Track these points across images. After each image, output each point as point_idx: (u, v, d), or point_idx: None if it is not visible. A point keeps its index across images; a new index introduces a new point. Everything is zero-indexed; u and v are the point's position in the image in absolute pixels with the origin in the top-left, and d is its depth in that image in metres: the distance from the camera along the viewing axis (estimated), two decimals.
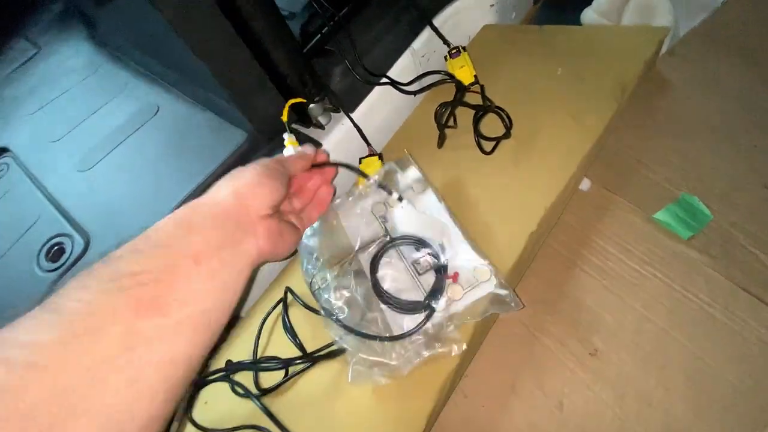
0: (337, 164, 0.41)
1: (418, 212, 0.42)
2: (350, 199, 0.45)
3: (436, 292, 0.37)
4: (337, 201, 0.45)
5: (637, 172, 0.47)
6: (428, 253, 0.39)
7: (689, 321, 0.38)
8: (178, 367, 0.24)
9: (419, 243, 0.40)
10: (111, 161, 0.53)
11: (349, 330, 0.37)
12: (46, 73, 0.68)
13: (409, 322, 0.37)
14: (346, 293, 0.40)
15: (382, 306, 0.39)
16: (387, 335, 0.37)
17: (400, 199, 0.42)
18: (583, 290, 0.42)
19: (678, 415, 0.35)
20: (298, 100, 0.46)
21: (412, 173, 0.45)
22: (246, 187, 0.31)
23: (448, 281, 0.38)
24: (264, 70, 0.44)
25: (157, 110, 0.56)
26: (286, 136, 0.44)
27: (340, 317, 0.38)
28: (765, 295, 0.38)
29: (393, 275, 0.40)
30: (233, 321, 0.50)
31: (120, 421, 0.22)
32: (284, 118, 0.45)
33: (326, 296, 0.40)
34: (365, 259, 0.42)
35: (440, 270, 0.38)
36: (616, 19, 0.61)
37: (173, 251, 0.26)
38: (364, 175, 0.43)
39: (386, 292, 0.38)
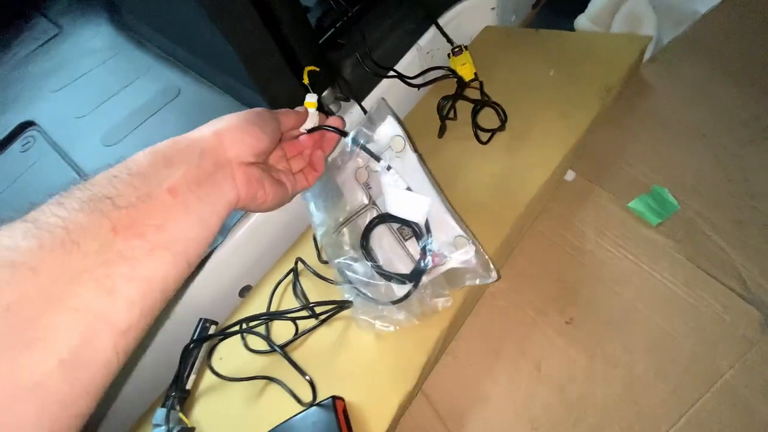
0: (323, 128, 0.41)
1: (403, 190, 0.40)
2: (339, 161, 0.45)
3: (418, 272, 0.40)
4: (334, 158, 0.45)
5: (616, 166, 0.52)
6: (413, 233, 0.41)
7: (654, 296, 0.43)
8: (154, 287, 0.25)
9: (405, 223, 0.41)
10: (136, 137, 0.57)
11: (358, 291, 0.41)
12: (68, 52, 0.72)
13: (398, 290, 0.41)
14: (349, 257, 0.44)
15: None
16: (387, 300, 0.41)
17: (389, 168, 0.40)
18: (563, 267, 0.47)
19: (640, 375, 0.40)
20: (314, 68, 0.48)
21: (390, 127, 0.42)
22: (228, 130, 0.31)
23: (429, 261, 0.40)
24: (284, 59, 0.48)
25: (179, 92, 0.60)
26: (308, 96, 0.43)
27: (350, 277, 0.42)
28: (720, 275, 0.43)
29: (382, 244, 0.43)
30: (243, 292, 0.55)
31: (98, 322, 0.22)
32: (305, 81, 0.46)
33: (338, 258, 0.44)
34: (358, 228, 0.44)
35: (424, 249, 0.40)
36: (606, 26, 0.66)
37: (149, 182, 0.26)
38: (344, 134, 0.42)
39: (377, 264, 0.42)
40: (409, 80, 0.58)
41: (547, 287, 0.46)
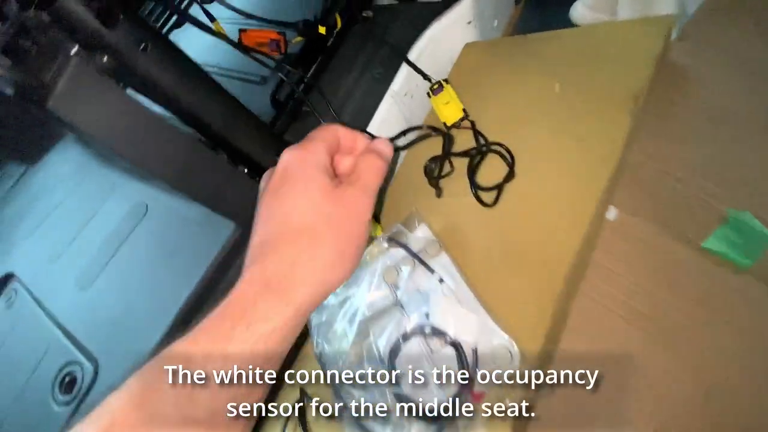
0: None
1: (456, 305, 0.37)
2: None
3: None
4: None
5: (668, 187, 0.41)
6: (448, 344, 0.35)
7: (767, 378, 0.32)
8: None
9: (453, 345, 0.36)
10: (109, 274, 0.51)
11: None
12: (39, 186, 0.69)
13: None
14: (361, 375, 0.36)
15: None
16: None
17: (441, 281, 0.39)
18: (632, 345, 0.36)
19: None
20: None
21: (423, 233, 0.42)
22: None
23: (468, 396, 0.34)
24: (235, 165, 0.41)
25: (147, 209, 0.55)
26: None
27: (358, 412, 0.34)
28: None
29: (409, 359, 0.36)
30: None
31: None
32: None
33: (345, 388, 0.36)
34: (381, 341, 0.38)
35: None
36: (610, 11, 0.54)
37: None
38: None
39: (406, 396, 0.34)
40: None
41: (617, 381, 0.35)
